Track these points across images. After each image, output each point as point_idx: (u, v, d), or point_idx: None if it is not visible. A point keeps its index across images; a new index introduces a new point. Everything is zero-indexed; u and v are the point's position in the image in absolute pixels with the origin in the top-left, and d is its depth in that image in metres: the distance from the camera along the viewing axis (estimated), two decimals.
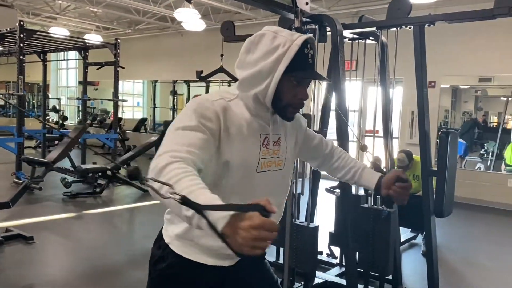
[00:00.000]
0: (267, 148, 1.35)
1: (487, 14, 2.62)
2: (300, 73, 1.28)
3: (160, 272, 1.41)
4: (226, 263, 1.42)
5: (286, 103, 1.30)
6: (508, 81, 7.80)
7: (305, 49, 1.26)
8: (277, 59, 1.24)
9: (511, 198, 6.87)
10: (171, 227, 1.41)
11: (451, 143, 2.78)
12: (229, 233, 0.94)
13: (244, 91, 1.31)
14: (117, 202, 6.50)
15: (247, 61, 1.30)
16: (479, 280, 3.95)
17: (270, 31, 1.28)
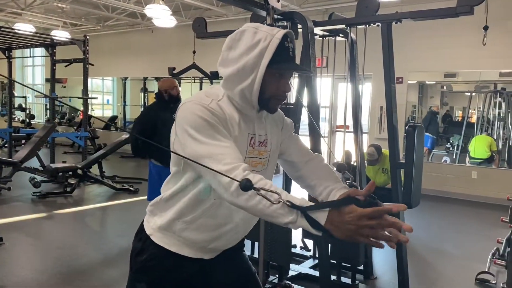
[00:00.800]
0: (253, 148, 1.37)
1: (450, 12, 2.73)
2: (283, 65, 1.30)
3: (141, 264, 1.43)
4: (207, 256, 1.44)
5: (270, 95, 1.33)
6: (472, 77, 8.09)
7: (286, 42, 1.30)
8: (259, 53, 1.27)
9: (475, 189, 7.15)
10: (154, 219, 1.43)
11: (418, 137, 2.88)
12: (332, 228, 1.07)
13: (230, 89, 1.33)
14: (88, 201, 6.40)
15: (229, 58, 1.31)
16: (446, 267, 4.12)
17: (250, 27, 1.31)
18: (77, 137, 8.32)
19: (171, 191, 1.39)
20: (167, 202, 1.40)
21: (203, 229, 1.38)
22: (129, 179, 7.59)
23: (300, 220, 1.10)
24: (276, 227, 3.27)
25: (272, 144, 1.45)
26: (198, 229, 1.37)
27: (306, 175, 1.51)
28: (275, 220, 1.11)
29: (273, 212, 1.10)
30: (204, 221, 1.36)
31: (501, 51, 6.76)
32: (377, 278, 3.75)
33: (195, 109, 1.25)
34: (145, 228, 1.45)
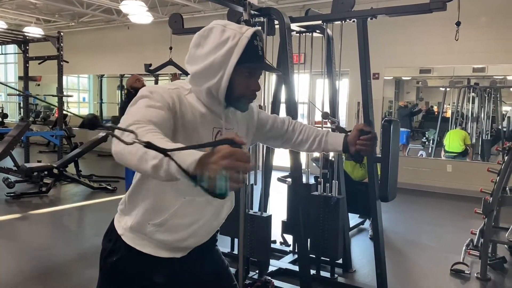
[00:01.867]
0: None
1: (424, 8, 2.77)
2: (252, 64, 1.29)
3: (111, 265, 1.40)
4: (179, 255, 1.43)
5: (239, 94, 1.31)
6: (446, 72, 8.26)
7: (255, 41, 1.28)
8: (228, 51, 1.25)
9: (450, 182, 7.31)
10: (125, 218, 1.40)
11: (394, 131, 2.91)
12: (201, 173, 0.90)
13: (197, 86, 1.31)
14: (65, 201, 6.29)
15: (197, 55, 1.30)
16: (422, 259, 4.20)
17: (219, 24, 1.29)
18: (52, 136, 8.15)
19: (135, 190, 1.37)
20: (133, 202, 1.37)
21: (175, 230, 1.36)
22: (107, 177, 7.48)
23: (166, 162, 0.94)
24: (255, 224, 3.28)
25: (242, 134, 1.46)
26: (169, 230, 1.35)
27: (293, 139, 1.62)
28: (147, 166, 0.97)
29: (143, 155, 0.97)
30: (174, 222, 1.34)
31: (473, 47, 6.92)
32: (355, 271, 3.80)
33: (148, 87, 1.25)
34: (116, 228, 1.42)
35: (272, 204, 3.96)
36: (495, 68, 7.67)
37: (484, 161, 7.88)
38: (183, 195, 1.32)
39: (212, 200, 1.38)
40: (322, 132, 1.60)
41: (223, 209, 1.47)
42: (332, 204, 3.31)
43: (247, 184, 3.28)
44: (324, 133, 1.60)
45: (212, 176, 0.87)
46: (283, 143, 1.65)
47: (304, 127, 1.63)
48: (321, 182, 3.50)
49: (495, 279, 3.69)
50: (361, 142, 1.48)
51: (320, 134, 1.60)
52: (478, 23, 6.84)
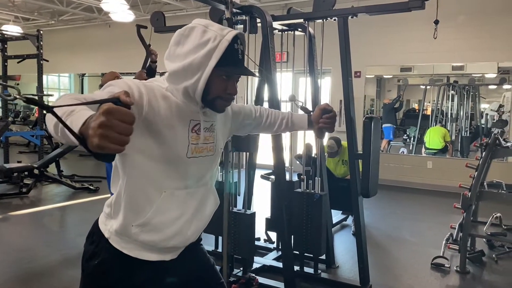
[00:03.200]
0: (197, 134, 1.35)
1: (403, 7, 2.83)
2: (231, 68, 1.29)
3: (94, 268, 1.37)
4: (168, 257, 1.42)
5: (215, 96, 1.31)
6: (426, 70, 8.39)
7: (235, 44, 1.28)
8: (207, 53, 1.24)
9: (430, 179, 7.44)
10: (111, 222, 1.37)
11: (374, 128, 2.97)
12: (86, 132, 0.85)
13: (174, 84, 1.31)
14: (46, 201, 6.20)
15: (176, 54, 1.29)
16: (403, 253, 4.28)
17: (200, 24, 1.28)
18: (32, 135, 8.02)
19: (117, 192, 1.35)
20: (116, 204, 1.35)
21: (159, 228, 1.34)
22: (89, 177, 7.41)
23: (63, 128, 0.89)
24: (239, 221, 3.29)
25: (220, 128, 1.47)
26: (154, 229, 1.33)
27: (261, 121, 1.73)
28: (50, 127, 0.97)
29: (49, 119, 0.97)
30: (158, 219, 1.33)
31: (452, 45, 7.05)
32: (338, 266, 3.85)
33: (116, 80, 1.25)
34: (102, 230, 1.39)
35: (255, 202, 3.98)
36: (473, 66, 7.83)
37: (463, 157, 8.04)
38: (162, 189, 1.32)
39: (193, 194, 1.39)
40: (287, 114, 1.75)
41: (207, 204, 1.46)
42: (315, 201, 3.35)
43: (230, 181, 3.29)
44: (289, 115, 1.75)
45: (90, 133, 0.82)
46: (253, 128, 1.74)
47: (270, 111, 1.75)
48: (304, 179, 3.53)
49: (474, 272, 3.78)
50: (323, 120, 1.59)
51: (286, 117, 1.75)
52: (457, 22, 6.97)
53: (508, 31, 6.76)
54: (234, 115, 1.60)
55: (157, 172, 1.31)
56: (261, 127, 1.74)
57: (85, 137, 0.85)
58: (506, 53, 6.87)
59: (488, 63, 7.47)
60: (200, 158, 1.38)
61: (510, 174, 6.00)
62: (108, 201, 1.41)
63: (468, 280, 3.66)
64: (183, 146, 1.32)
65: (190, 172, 1.36)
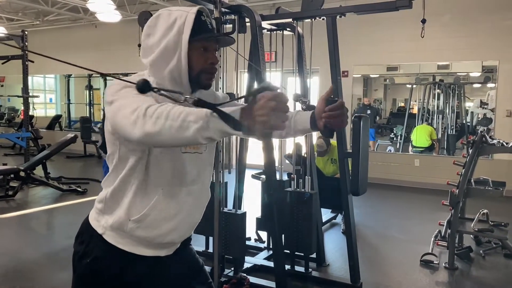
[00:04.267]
0: None
1: (391, 6, 2.86)
2: (204, 35, 1.30)
3: (86, 267, 1.37)
4: (163, 253, 1.42)
5: (199, 70, 1.31)
6: (412, 70, 8.47)
7: (202, 16, 1.31)
8: (178, 31, 1.27)
9: (418, 176, 7.52)
10: (105, 217, 1.37)
11: (363, 127, 2.98)
12: (249, 120, 0.98)
13: (158, 73, 1.31)
14: (33, 204, 6.11)
15: (150, 45, 1.31)
16: (393, 251, 4.32)
17: (164, 10, 1.32)
18: (18, 138, 7.91)
19: (113, 187, 1.35)
20: (113, 199, 1.35)
21: (155, 225, 1.34)
22: (76, 179, 7.33)
23: (213, 121, 1.01)
24: (230, 221, 3.29)
25: None
26: (150, 225, 1.34)
27: None
28: (189, 132, 1.01)
29: (183, 123, 1.01)
30: (154, 216, 1.33)
31: (438, 45, 7.13)
32: (329, 265, 3.87)
33: (115, 83, 1.24)
34: (94, 227, 1.38)
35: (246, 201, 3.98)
36: (458, 65, 7.93)
37: (449, 155, 8.14)
38: (160, 186, 1.32)
39: (189, 191, 1.39)
40: (292, 113, 1.40)
41: (202, 198, 1.47)
42: (306, 200, 3.36)
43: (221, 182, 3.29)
44: (293, 114, 1.41)
45: (263, 119, 0.95)
46: None
47: None
48: (294, 178, 3.54)
49: (462, 268, 3.83)
50: (327, 114, 1.27)
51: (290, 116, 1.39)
52: (442, 21, 7.06)
53: (492, 30, 6.86)
54: None
55: (154, 169, 1.31)
56: None
57: (247, 125, 0.98)
58: (490, 52, 6.98)
59: (472, 62, 7.57)
60: (196, 154, 1.38)
61: (496, 171, 6.09)
62: (100, 197, 1.40)
63: (457, 276, 3.71)
64: None
65: (186, 169, 1.36)
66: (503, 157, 6.35)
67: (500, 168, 6.56)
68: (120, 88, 1.21)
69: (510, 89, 6.87)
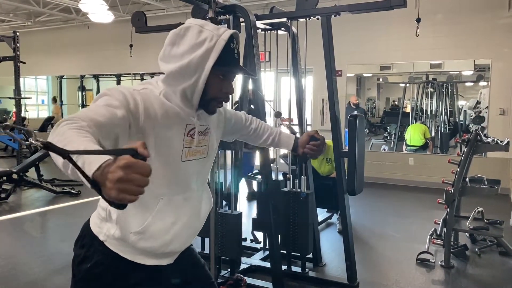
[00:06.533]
0: (192, 138, 1.35)
1: (385, 5, 2.85)
2: (228, 68, 1.29)
3: (86, 272, 1.35)
4: (165, 262, 1.41)
5: (211, 97, 1.31)
6: (406, 68, 8.51)
7: (231, 44, 1.28)
8: (205, 53, 1.24)
9: (412, 175, 7.54)
10: (107, 225, 1.35)
11: (359, 126, 2.99)
12: (100, 180, 0.84)
13: (172, 86, 1.29)
14: (26, 206, 6.06)
15: (172, 54, 1.27)
16: (389, 249, 4.32)
17: (195, 24, 1.27)
18: (10, 140, 7.84)
19: None
20: (113, 214, 1.32)
21: (157, 235, 1.33)
22: (70, 181, 7.26)
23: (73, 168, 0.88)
24: (226, 222, 3.28)
25: (214, 132, 1.46)
26: (152, 236, 1.33)
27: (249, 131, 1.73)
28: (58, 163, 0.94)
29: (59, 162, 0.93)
30: (156, 227, 1.32)
31: (431, 44, 7.15)
32: (325, 264, 3.86)
33: (113, 88, 1.22)
34: (95, 233, 1.36)
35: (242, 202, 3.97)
36: (451, 64, 7.98)
37: (443, 153, 8.17)
38: (159, 196, 1.30)
39: (188, 198, 1.37)
40: (275, 130, 1.76)
41: (202, 207, 1.46)
42: (302, 200, 3.35)
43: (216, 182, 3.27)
44: (278, 132, 1.76)
45: (108, 186, 0.82)
46: (241, 136, 1.74)
47: (260, 123, 1.75)
48: (290, 178, 3.53)
49: (458, 266, 3.84)
50: (310, 147, 1.62)
51: (274, 133, 1.75)
52: (435, 20, 7.09)
53: (484, 29, 6.90)
54: (227, 119, 1.60)
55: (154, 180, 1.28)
56: (248, 136, 1.75)
57: (100, 183, 0.85)
58: (482, 51, 7.02)
59: (465, 61, 7.62)
60: (194, 161, 1.38)
61: (490, 169, 6.13)
62: (104, 204, 1.37)
63: (453, 274, 3.71)
64: (178, 150, 1.32)
65: (185, 176, 1.36)
66: (497, 155, 6.38)
67: (494, 166, 6.60)
68: (105, 92, 1.21)
69: (503, 87, 6.91)
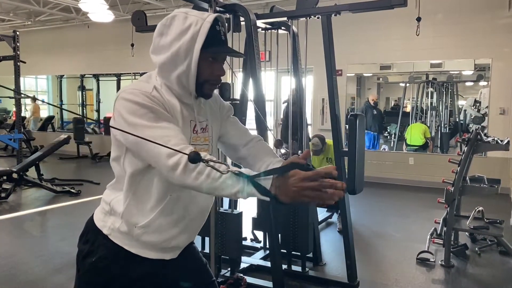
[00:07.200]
0: (197, 134, 1.37)
1: (386, 4, 2.85)
2: (216, 49, 1.31)
3: (91, 266, 1.37)
4: (168, 257, 1.42)
5: (203, 80, 1.32)
6: (406, 68, 8.50)
7: (217, 26, 1.30)
8: (191, 38, 1.26)
9: (412, 174, 7.54)
10: (111, 218, 1.37)
11: (359, 125, 2.99)
12: (278, 192, 1.09)
13: (166, 76, 1.32)
14: (26, 206, 6.05)
15: (161, 45, 1.30)
16: (389, 249, 4.32)
17: (180, 12, 1.31)
18: (10, 139, 7.84)
19: (120, 192, 1.34)
20: (120, 204, 1.34)
21: (162, 230, 1.35)
22: (70, 181, 7.28)
23: (247, 188, 1.11)
24: (226, 221, 3.27)
25: (213, 129, 1.47)
26: (157, 230, 1.34)
27: (246, 155, 1.52)
28: (224, 192, 1.13)
29: (221, 184, 1.11)
30: (161, 221, 1.34)
31: (431, 43, 7.15)
32: (325, 264, 3.86)
33: (133, 96, 1.23)
34: (99, 227, 1.38)
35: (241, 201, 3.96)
36: (451, 64, 7.97)
37: (443, 153, 8.18)
38: (168, 192, 1.32)
39: (196, 195, 1.38)
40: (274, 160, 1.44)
41: (205, 204, 1.47)
42: None
43: None
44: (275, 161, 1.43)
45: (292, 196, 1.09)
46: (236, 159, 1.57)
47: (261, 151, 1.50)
48: None
49: (458, 266, 3.84)
50: None
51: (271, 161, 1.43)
52: (435, 20, 7.09)
53: (484, 28, 6.90)
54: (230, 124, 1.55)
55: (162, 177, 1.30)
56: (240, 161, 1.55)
57: (278, 196, 1.10)
58: (482, 50, 7.02)
59: (465, 61, 7.61)
60: None
61: (490, 169, 6.12)
62: (108, 199, 1.39)
63: (453, 273, 3.71)
64: None
65: None
66: (497, 154, 6.39)
67: (494, 166, 6.60)
68: (138, 107, 1.21)
69: (503, 87, 6.91)
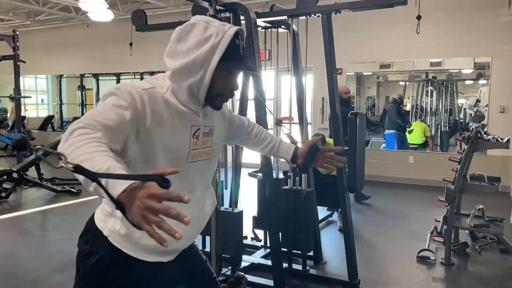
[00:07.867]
0: (197, 139, 1.36)
1: (385, 3, 2.85)
2: (233, 64, 1.30)
3: (90, 266, 1.36)
4: (166, 259, 1.42)
5: (216, 93, 1.32)
6: (405, 67, 8.50)
7: (236, 40, 1.29)
8: (210, 49, 1.25)
9: (412, 173, 7.54)
10: (112, 220, 1.36)
11: (360, 123, 2.99)
12: (126, 202, 0.92)
13: (178, 82, 1.30)
14: (27, 205, 6.06)
15: (178, 51, 1.28)
16: (389, 247, 4.32)
17: (201, 20, 1.28)
18: (10, 139, 7.83)
19: None
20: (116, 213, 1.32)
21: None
22: (70, 180, 7.26)
23: (94, 187, 0.96)
24: (227, 220, 3.28)
25: (218, 133, 1.47)
26: None
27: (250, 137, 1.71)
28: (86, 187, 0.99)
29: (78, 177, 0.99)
30: None
31: (430, 42, 7.15)
32: (326, 262, 3.87)
33: (119, 84, 1.24)
34: (99, 228, 1.37)
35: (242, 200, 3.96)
36: (451, 62, 7.98)
37: (443, 151, 8.18)
38: None
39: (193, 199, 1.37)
40: (275, 139, 1.73)
41: (206, 206, 1.47)
42: (303, 197, 3.35)
43: (217, 181, 3.28)
44: (278, 141, 1.73)
45: (134, 212, 0.90)
46: (241, 141, 1.74)
47: (261, 130, 1.74)
48: (290, 176, 3.53)
49: (459, 264, 3.84)
50: (326, 162, 1.72)
51: (274, 141, 1.72)
52: (435, 18, 7.09)
53: (483, 26, 6.90)
54: (231, 122, 1.62)
55: None
56: (248, 142, 1.74)
57: (125, 205, 0.92)
58: (482, 49, 7.01)
59: (465, 59, 7.61)
60: (199, 163, 1.39)
61: (490, 167, 6.12)
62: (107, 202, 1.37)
63: (454, 271, 3.72)
64: (184, 152, 1.33)
65: (190, 176, 1.37)
66: (497, 152, 6.39)
67: (494, 164, 6.60)
68: (113, 91, 1.22)
69: (503, 85, 6.91)
